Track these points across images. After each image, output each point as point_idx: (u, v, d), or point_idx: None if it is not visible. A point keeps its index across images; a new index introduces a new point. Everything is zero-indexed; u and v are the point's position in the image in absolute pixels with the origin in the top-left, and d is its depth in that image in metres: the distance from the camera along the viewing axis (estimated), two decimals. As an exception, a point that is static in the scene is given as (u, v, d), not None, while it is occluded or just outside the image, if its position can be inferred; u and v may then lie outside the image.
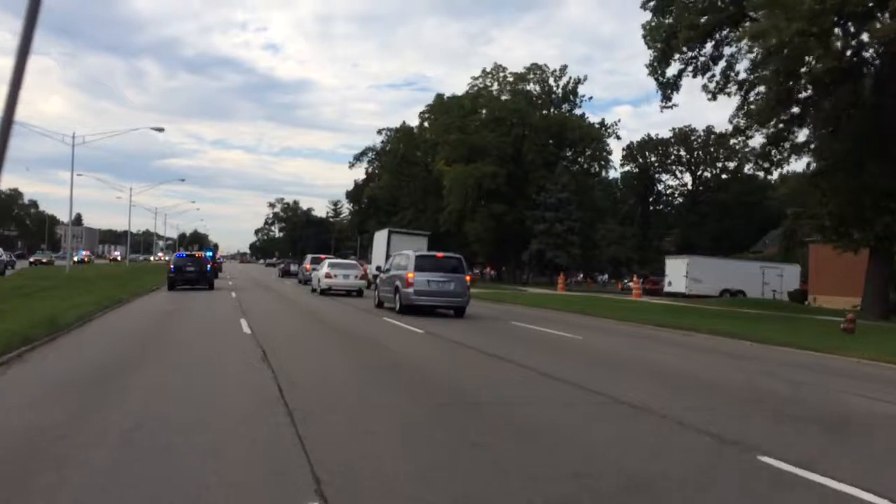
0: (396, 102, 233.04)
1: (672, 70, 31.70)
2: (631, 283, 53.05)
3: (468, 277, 20.60)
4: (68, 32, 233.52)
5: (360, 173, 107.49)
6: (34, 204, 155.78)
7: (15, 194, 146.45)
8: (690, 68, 31.22)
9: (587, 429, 6.27)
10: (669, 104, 32.79)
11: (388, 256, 28.02)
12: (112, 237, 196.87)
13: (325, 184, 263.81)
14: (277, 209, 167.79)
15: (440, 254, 21.32)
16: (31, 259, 69.55)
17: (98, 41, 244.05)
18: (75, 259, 62.10)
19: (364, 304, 24.01)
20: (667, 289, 47.07)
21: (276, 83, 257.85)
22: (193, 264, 30.61)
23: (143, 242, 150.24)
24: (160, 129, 41.49)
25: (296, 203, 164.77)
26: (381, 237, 38.18)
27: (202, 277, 30.17)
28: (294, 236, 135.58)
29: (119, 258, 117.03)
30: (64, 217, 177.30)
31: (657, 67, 31.67)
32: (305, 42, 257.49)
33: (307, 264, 39.75)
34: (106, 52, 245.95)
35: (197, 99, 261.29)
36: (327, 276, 29.30)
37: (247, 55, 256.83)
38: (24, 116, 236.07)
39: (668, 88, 32.17)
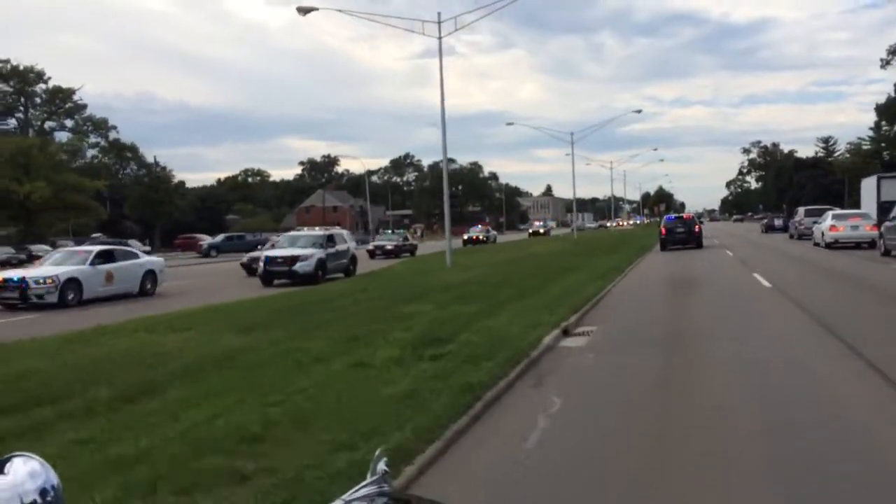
0: (879, 23, 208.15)
1: None
2: None
3: None
4: (533, 23, 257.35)
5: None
6: (494, 177, 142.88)
7: (475, 168, 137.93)
8: None
9: None
10: None
11: (879, 205, 29.93)
12: (581, 205, 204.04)
13: (795, 128, 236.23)
14: (753, 154, 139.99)
15: None
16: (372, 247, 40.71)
17: (559, 24, 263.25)
18: (465, 237, 48.51)
19: (873, 254, 23.68)
20: None
21: (731, 29, 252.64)
22: (683, 226, 32.46)
23: (608, 207, 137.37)
24: (638, 111, 40.55)
25: (775, 146, 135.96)
26: (868, 184, 36.81)
27: (691, 238, 31.75)
28: (779, 184, 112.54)
29: (542, 230, 76.73)
30: (535, 190, 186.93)
31: None
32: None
33: (799, 217, 38.56)
34: (567, 33, 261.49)
35: (653, 61, 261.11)
36: (832, 228, 28.00)
37: (699, 5, 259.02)
38: (504, 105, 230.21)
39: None
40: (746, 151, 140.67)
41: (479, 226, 65.63)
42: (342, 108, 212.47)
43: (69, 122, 79.63)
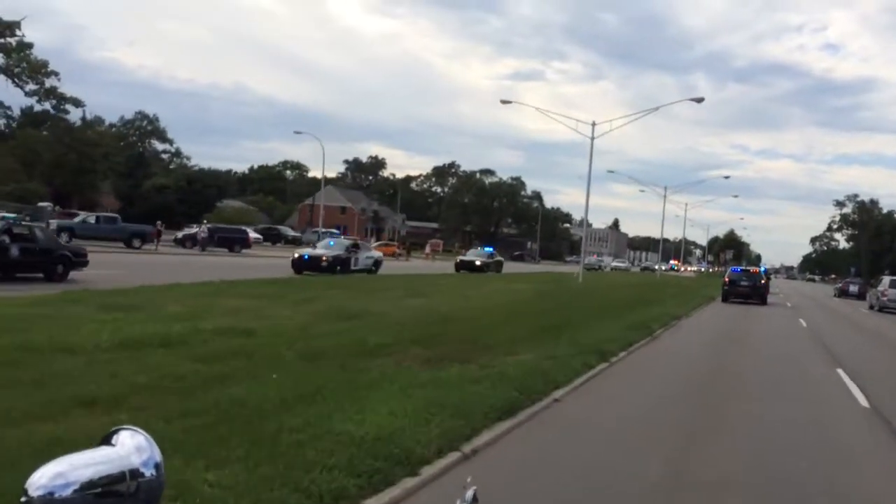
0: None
1: None
2: None
3: None
4: (626, 57, 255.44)
5: None
6: (538, 197, 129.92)
7: (517, 184, 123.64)
8: None
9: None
10: None
11: None
12: (647, 244, 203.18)
13: (889, 192, 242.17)
14: (847, 209, 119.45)
15: None
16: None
17: (652, 61, 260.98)
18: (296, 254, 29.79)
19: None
20: None
21: (832, 85, 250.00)
22: (748, 279, 32.15)
23: (674, 250, 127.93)
24: (699, 100, 37.71)
25: (874, 202, 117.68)
26: None
27: (755, 292, 31.32)
28: (875, 247, 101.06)
29: (478, 262, 44.07)
30: (604, 225, 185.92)
31: None
32: (871, 37, 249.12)
33: (883, 287, 36.50)
34: (658, 71, 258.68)
35: (744, 109, 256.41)
36: None
37: (801, 59, 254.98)
38: (587, 136, 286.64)
39: None
40: (840, 205, 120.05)
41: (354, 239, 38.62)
42: (425, 121, 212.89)
43: (1, 60, 67.72)
